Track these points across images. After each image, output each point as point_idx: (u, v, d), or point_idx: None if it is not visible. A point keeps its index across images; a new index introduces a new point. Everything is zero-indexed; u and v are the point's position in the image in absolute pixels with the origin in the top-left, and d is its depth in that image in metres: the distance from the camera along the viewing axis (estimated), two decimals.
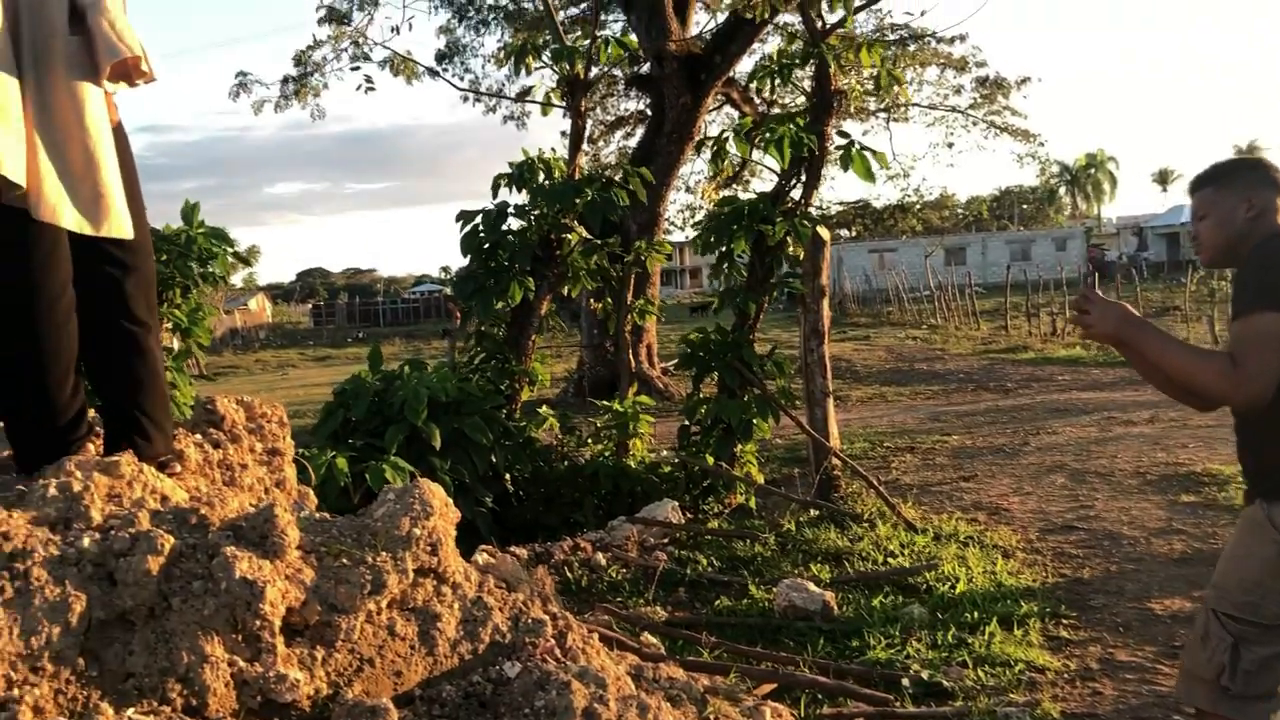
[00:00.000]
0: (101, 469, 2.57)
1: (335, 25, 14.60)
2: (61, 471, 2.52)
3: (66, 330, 2.58)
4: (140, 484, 2.60)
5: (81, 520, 2.40)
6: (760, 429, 6.35)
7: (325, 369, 28.90)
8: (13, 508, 2.38)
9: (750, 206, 6.38)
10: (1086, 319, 2.48)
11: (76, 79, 2.46)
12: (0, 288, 2.50)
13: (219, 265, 6.32)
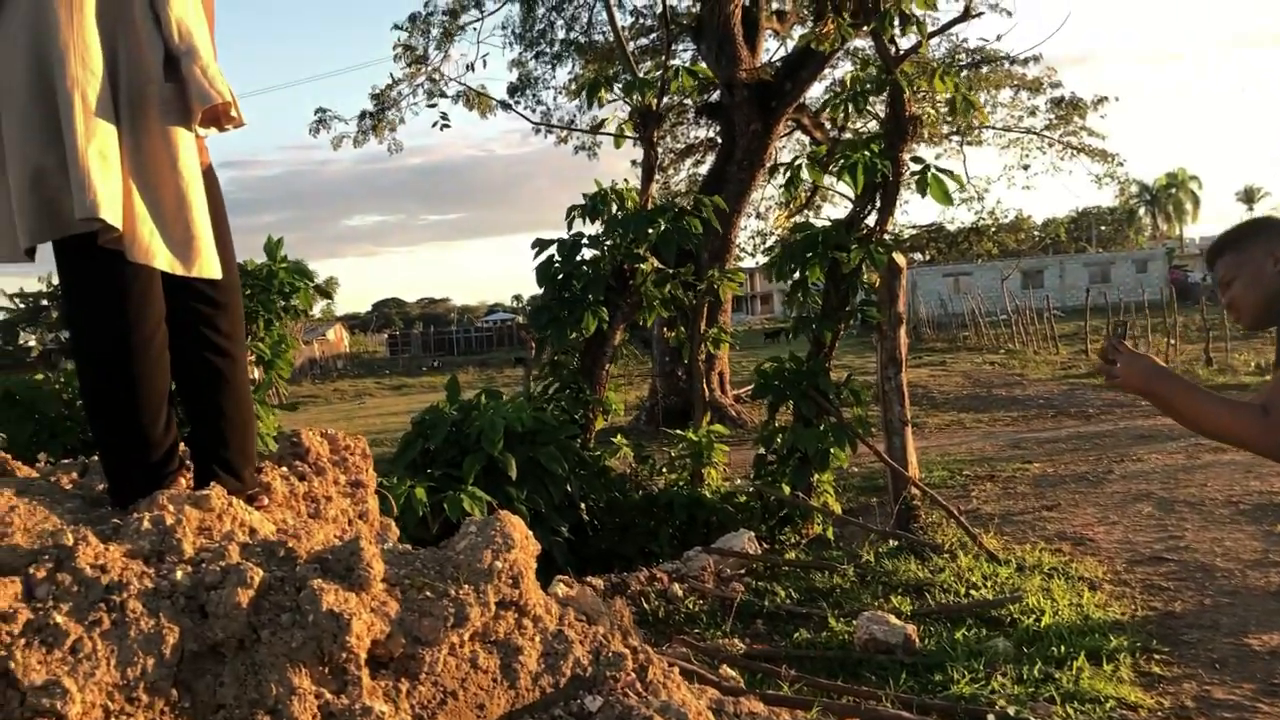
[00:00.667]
0: (193, 502, 2.62)
1: (412, 65, 14.89)
2: (154, 505, 2.59)
3: (160, 367, 2.66)
4: (230, 517, 2.66)
5: (174, 553, 2.46)
6: (837, 458, 6.29)
7: (401, 398, 29.31)
8: (109, 541, 2.45)
9: (824, 233, 6.34)
10: (1113, 371, 2.46)
11: (170, 124, 2.54)
12: (97, 327, 2.59)
13: (300, 299, 6.46)
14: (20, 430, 5.84)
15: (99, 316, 2.58)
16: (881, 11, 5.99)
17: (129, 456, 2.67)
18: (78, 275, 2.59)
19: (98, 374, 2.61)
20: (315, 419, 20.41)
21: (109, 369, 2.59)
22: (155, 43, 2.54)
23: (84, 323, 2.61)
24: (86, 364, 2.64)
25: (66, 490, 2.78)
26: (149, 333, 2.62)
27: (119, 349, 2.58)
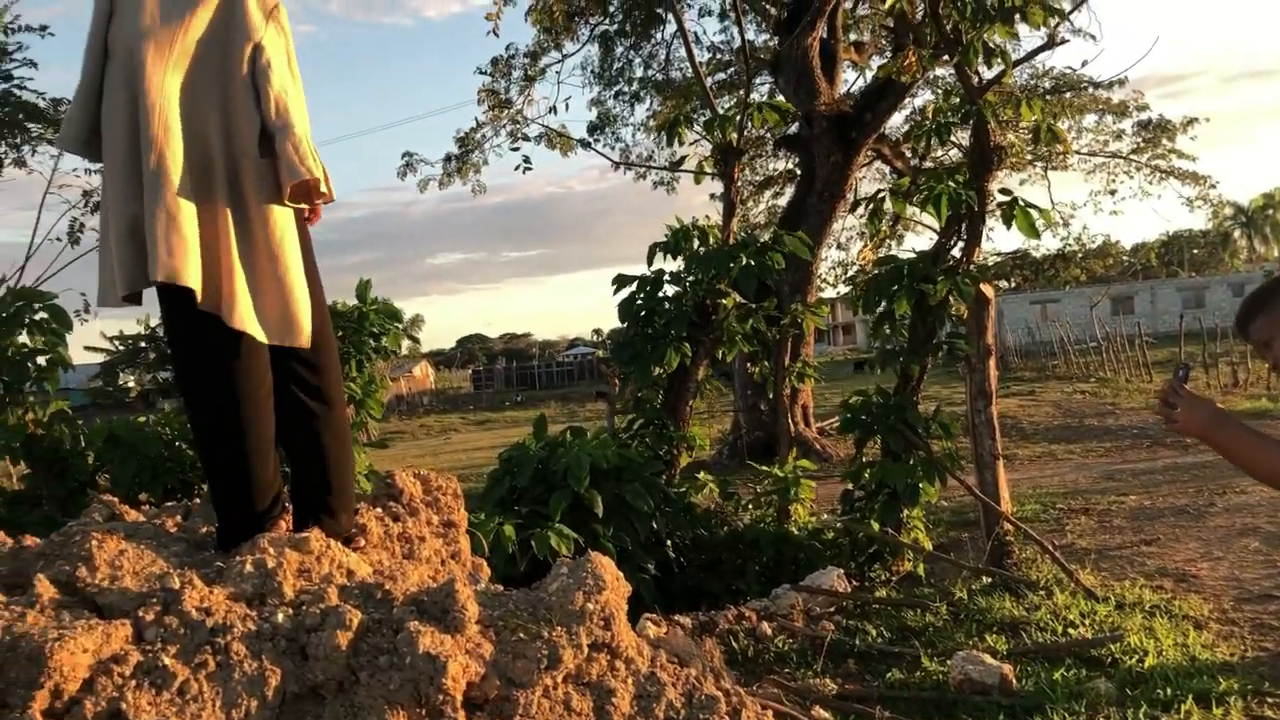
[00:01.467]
0: (293, 545, 2.68)
1: (495, 108, 15.16)
2: (256, 548, 2.65)
3: (266, 413, 2.76)
4: (328, 559, 2.71)
5: (275, 596, 2.51)
6: (927, 493, 6.19)
7: (485, 433, 29.59)
8: (213, 584, 2.51)
9: (910, 265, 6.28)
10: (1173, 415, 2.40)
11: (265, 199, 2.67)
12: (207, 382, 2.69)
13: (390, 340, 6.58)
14: (124, 470, 6.01)
15: (206, 364, 2.68)
16: (964, 44, 5.95)
17: (235, 500, 2.75)
18: (183, 323, 2.69)
19: (206, 420, 2.71)
20: (402, 455, 20.73)
21: (217, 415, 2.69)
22: (253, 117, 2.66)
23: (192, 370, 2.71)
24: (196, 410, 2.74)
25: (172, 533, 2.86)
26: (255, 385, 2.74)
27: (227, 396, 2.69)
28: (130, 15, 2.58)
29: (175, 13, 2.59)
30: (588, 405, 35.01)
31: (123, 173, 2.58)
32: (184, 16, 2.60)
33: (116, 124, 2.59)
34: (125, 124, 2.58)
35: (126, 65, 2.57)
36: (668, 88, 19.60)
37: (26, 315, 6.14)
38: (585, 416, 27.53)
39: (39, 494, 6.22)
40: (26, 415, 6.04)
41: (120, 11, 2.60)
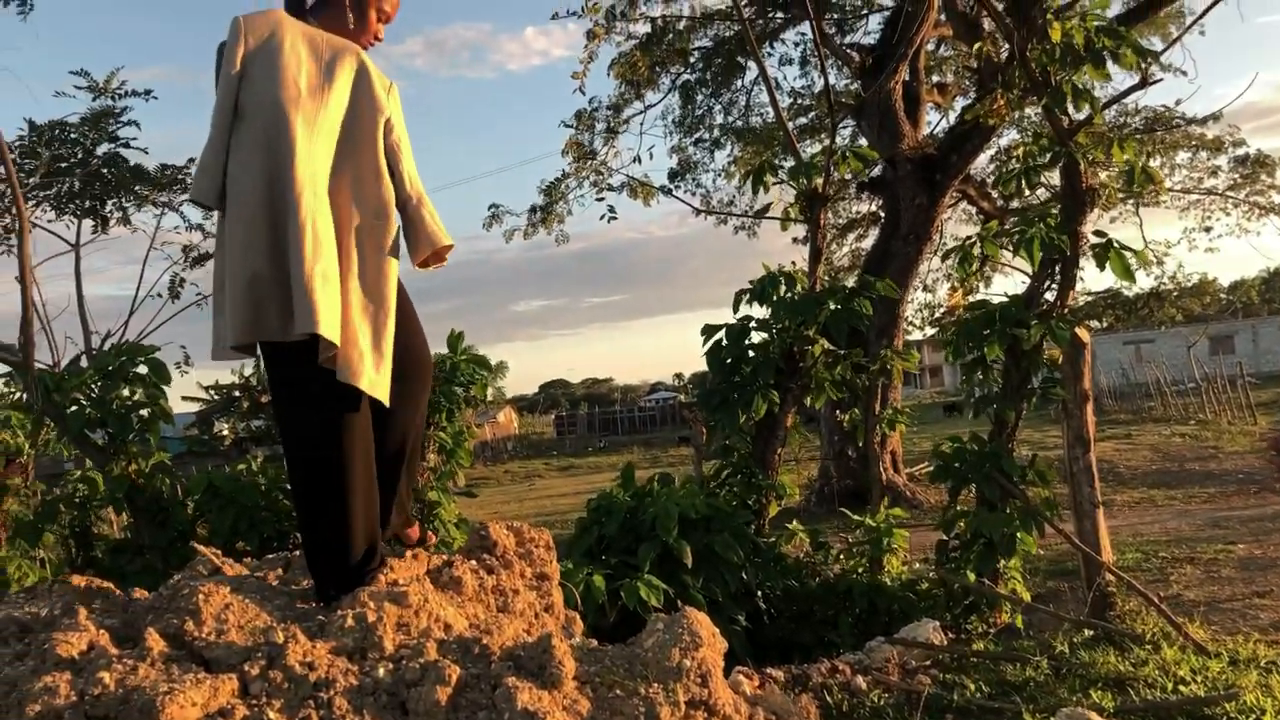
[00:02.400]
0: (392, 599, 2.71)
1: (579, 159, 15.38)
2: (356, 602, 2.68)
3: (369, 468, 2.84)
4: (426, 613, 2.73)
5: (376, 650, 2.54)
6: (1025, 543, 6.03)
7: (569, 479, 29.70)
8: (315, 638, 2.55)
9: (1001, 310, 6.17)
10: None
11: (386, 260, 2.86)
12: (320, 436, 2.80)
13: (478, 389, 6.66)
14: (222, 520, 6.15)
15: (320, 418, 2.78)
16: (1053, 86, 5.87)
17: (336, 553, 2.80)
18: (289, 379, 2.80)
19: (314, 473, 2.79)
20: (488, 502, 20.89)
21: (326, 469, 2.77)
22: (388, 186, 2.88)
23: (303, 423, 2.80)
24: (303, 463, 2.82)
25: (274, 586, 2.91)
26: (364, 435, 2.84)
27: (338, 451, 2.79)
28: (266, 81, 2.75)
29: (317, 85, 2.80)
30: (671, 451, 34.97)
31: (250, 229, 2.71)
32: (325, 89, 2.81)
33: (249, 182, 2.73)
34: (260, 183, 2.73)
35: (266, 129, 2.73)
36: (748, 134, 19.67)
37: (130, 369, 6.35)
38: (668, 462, 27.50)
39: (141, 543, 6.39)
40: (129, 466, 6.22)
41: (252, 77, 2.76)
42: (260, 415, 37.92)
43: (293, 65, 2.78)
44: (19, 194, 6.39)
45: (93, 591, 2.96)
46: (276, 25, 2.84)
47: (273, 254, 2.68)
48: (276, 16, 2.88)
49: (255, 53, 2.77)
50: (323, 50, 2.87)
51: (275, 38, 2.80)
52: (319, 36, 2.90)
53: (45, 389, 6.23)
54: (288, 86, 2.76)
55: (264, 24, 2.83)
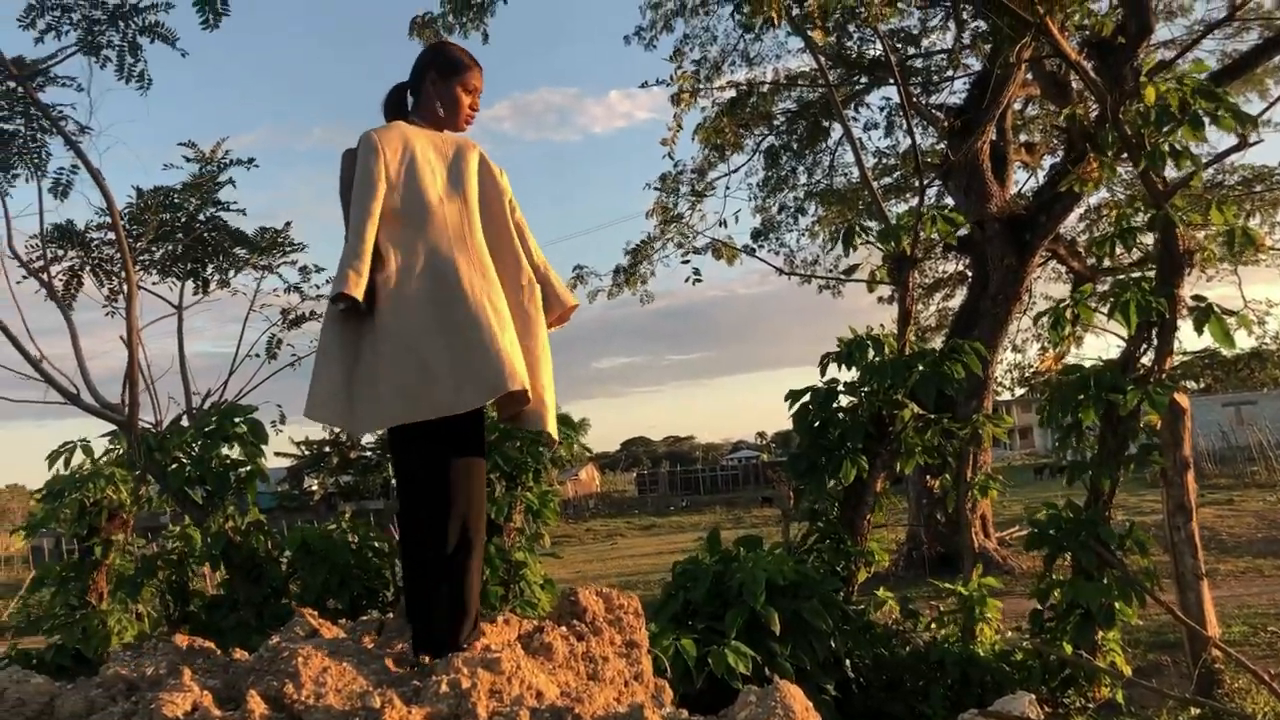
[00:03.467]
0: (485, 665, 2.73)
1: (665, 221, 15.53)
2: (451, 668, 2.71)
3: (482, 536, 3.07)
4: (519, 680, 2.74)
5: (469, 717, 2.55)
6: (1124, 614, 5.84)
7: (651, 538, 29.57)
8: (410, 703, 2.57)
9: (1097, 375, 6.04)
10: None
11: (541, 321, 3.22)
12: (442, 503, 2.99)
13: (565, 448, 6.70)
14: (314, 577, 6.25)
15: (440, 488, 2.99)
16: (1148, 148, 5.79)
17: (444, 618, 2.88)
18: (428, 456, 3.00)
19: (431, 539, 2.95)
20: (571, 561, 20.89)
21: (442, 536, 2.93)
22: (521, 257, 3.24)
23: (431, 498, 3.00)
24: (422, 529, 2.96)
25: (370, 650, 2.95)
26: (476, 502, 3.05)
27: (457, 528, 2.98)
28: (413, 188, 3.08)
29: (454, 183, 3.17)
30: (754, 511, 34.64)
31: (420, 321, 2.97)
32: (461, 185, 3.17)
33: (414, 280, 3.00)
34: (426, 279, 3.01)
35: (420, 231, 3.05)
36: (831, 195, 19.65)
37: (229, 428, 6.53)
38: (751, 522, 27.23)
39: (235, 598, 6.52)
40: (226, 523, 6.37)
41: (397, 186, 3.06)
42: (349, 471, 38.65)
43: (429, 170, 3.11)
44: (129, 260, 6.67)
45: (195, 651, 3.03)
46: (406, 137, 3.15)
47: (445, 343, 2.93)
48: (400, 128, 3.19)
49: (395, 164, 3.07)
50: (447, 151, 3.21)
51: (408, 148, 3.11)
52: (438, 138, 3.23)
53: (148, 447, 6.43)
54: (433, 190, 3.09)
55: (394, 137, 3.12)
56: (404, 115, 3.32)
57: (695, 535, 25.16)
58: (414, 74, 3.35)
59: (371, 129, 3.15)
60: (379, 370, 2.93)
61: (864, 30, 14.83)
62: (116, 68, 6.37)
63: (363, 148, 3.07)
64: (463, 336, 2.92)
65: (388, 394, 2.91)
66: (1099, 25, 7.10)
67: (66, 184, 6.89)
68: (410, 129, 3.19)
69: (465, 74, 3.31)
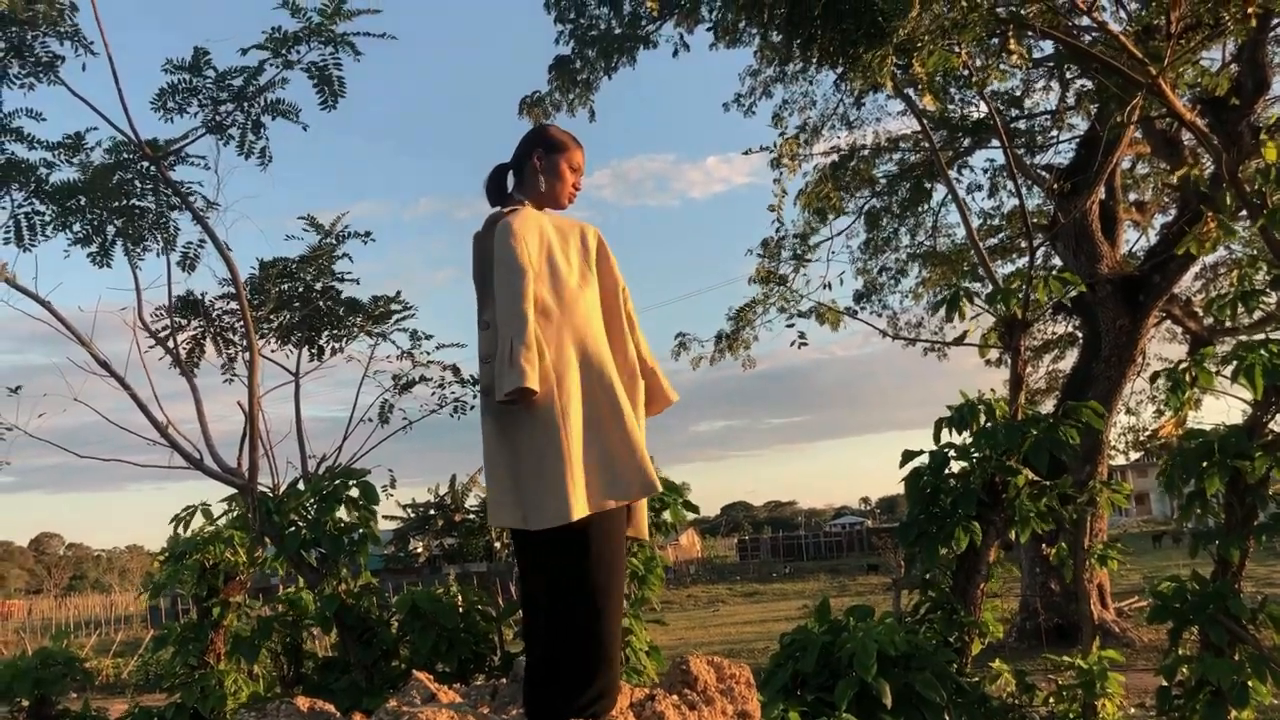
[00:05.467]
0: None
1: (768, 288, 15.55)
2: None
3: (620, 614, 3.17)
4: None
5: None
6: (1258, 693, 5.56)
7: (753, 605, 29.18)
8: None
9: (1221, 440, 5.83)
10: None
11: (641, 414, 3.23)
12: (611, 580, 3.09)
13: (672, 514, 6.69)
14: (423, 641, 6.32)
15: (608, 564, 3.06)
16: (1270, 208, 5.63)
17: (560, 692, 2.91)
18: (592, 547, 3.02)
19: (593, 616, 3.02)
20: (673, 627, 20.70)
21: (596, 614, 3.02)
22: (633, 353, 3.28)
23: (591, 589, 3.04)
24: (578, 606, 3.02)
25: (486, 716, 2.98)
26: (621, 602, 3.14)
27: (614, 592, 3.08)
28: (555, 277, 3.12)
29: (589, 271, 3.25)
30: (859, 579, 33.97)
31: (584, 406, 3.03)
32: (587, 273, 3.23)
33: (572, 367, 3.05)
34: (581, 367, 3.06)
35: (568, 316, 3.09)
36: (935, 256, 19.46)
37: (343, 491, 6.69)
38: (857, 590, 26.72)
39: (347, 660, 6.62)
40: (340, 586, 6.50)
41: (539, 274, 3.09)
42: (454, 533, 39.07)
43: (563, 258, 3.16)
44: (251, 328, 6.92)
45: (316, 713, 3.10)
46: (540, 224, 3.20)
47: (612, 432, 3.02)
48: (531, 214, 3.24)
49: (535, 251, 3.11)
50: (573, 237, 3.26)
51: (544, 236, 3.16)
52: (564, 224, 3.29)
53: (266, 510, 6.62)
54: (570, 278, 3.15)
55: (530, 224, 3.16)
56: (506, 195, 3.36)
57: (799, 603, 24.75)
58: (519, 152, 3.38)
59: (503, 214, 3.19)
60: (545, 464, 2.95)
61: (965, 93, 14.77)
62: (238, 144, 6.67)
63: (503, 233, 3.07)
64: (623, 429, 3.00)
65: (578, 488, 2.94)
66: (1213, 85, 6.96)
67: (194, 257, 7.19)
68: (538, 214, 3.24)
69: (571, 151, 3.36)
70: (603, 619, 2.97)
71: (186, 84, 6.49)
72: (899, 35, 6.78)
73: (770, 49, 12.43)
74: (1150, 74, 6.46)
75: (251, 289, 7.78)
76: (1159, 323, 17.74)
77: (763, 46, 12.78)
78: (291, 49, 6.40)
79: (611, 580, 3.03)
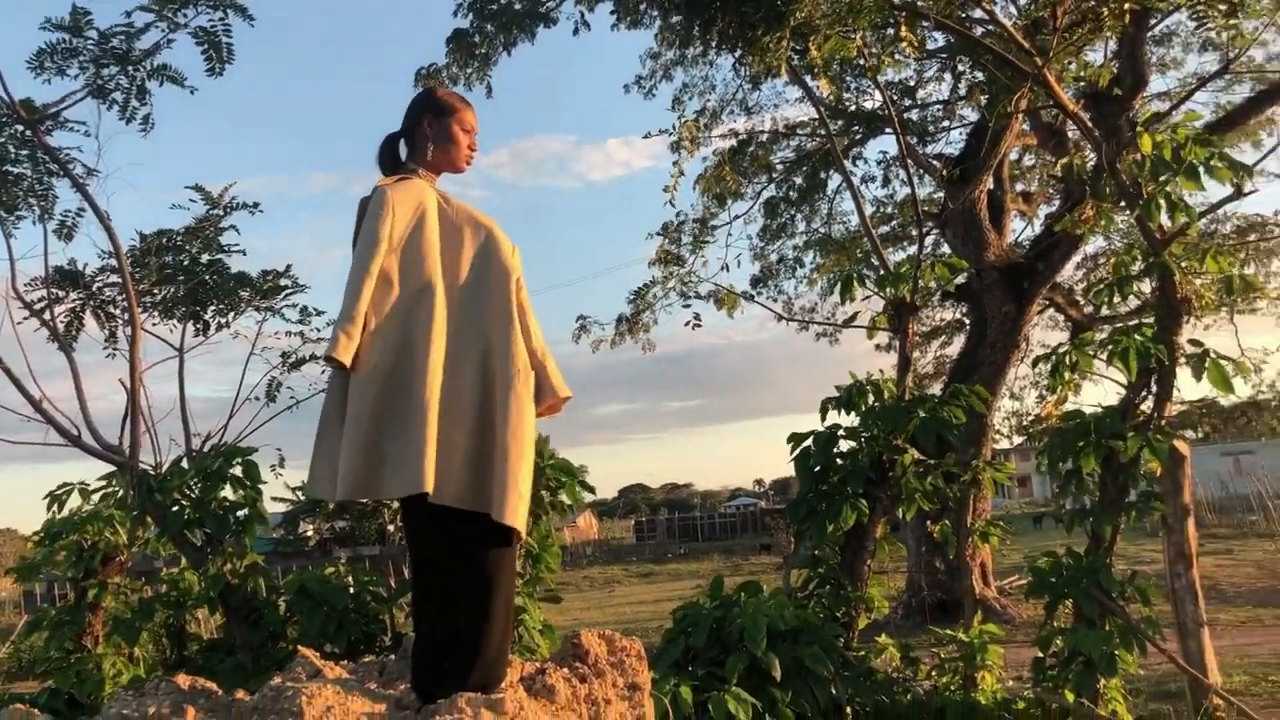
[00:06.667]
0: (488, 706, 2.72)
1: (667, 270, 15.63)
2: (454, 708, 2.70)
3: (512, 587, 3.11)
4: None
5: None
6: (1125, 662, 5.81)
7: (649, 585, 29.39)
8: None
9: (1097, 421, 6.06)
10: None
11: (530, 409, 3.09)
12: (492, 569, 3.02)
13: (567, 493, 6.69)
14: (312, 621, 6.22)
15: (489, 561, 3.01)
16: (1146, 198, 5.85)
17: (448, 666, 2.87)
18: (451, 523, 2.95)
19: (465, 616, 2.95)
20: (568, 608, 20.74)
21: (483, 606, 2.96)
22: (520, 346, 3.12)
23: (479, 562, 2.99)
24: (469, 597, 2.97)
25: (373, 691, 2.94)
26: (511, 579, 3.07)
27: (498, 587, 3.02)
28: (415, 257, 3.00)
29: (465, 258, 3.09)
30: (752, 558, 34.45)
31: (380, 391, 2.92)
32: (471, 261, 3.10)
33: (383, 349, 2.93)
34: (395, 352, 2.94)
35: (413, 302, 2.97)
36: (830, 243, 19.79)
37: (228, 470, 6.52)
38: (750, 570, 27.08)
39: (232, 642, 6.48)
40: (225, 566, 6.34)
41: (400, 250, 2.99)
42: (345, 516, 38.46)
43: (434, 240, 3.04)
44: (134, 302, 6.69)
45: (198, 691, 3.02)
46: (422, 201, 3.08)
47: (392, 425, 2.89)
48: (416, 189, 3.11)
49: (403, 227, 3.00)
50: (460, 223, 3.13)
51: (421, 213, 3.04)
52: (451, 207, 3.16)
53: (148, 489, 6.42)
54: (432, 260, 3.02)
55: (409, 198, 3.05)
56: (399, 165, 3.25)
57: (694, 583, 24.99)
58: (407, 119, 3.29)
59: (387, 184, 3.08)
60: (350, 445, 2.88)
61: (860, 82, 15.02)
62: (120, 109, 6.43)
63: (374, 203, 3.00)
64: (405, 423, 2.86)
65: (340, 468, 2.87)
66: (1095, 76, 7.20)
67: (72, 226, 6.93)
68: (428, 192, 3.13)
69: (461, 112, 3.26)
70: (491, 593, 2.94)
71: (66, 44, 6.22)
72: (796, 19, 6.87)
73: (670, 31, 12.46)
74: (1037, 65, 6.65)
75: (134, 261, 7.52)
76: (1042, 310, 18.33)
77: (663, 28, 12.82)
78: (178, 11, 6.20)
79: (501, 555, 2.99)
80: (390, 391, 2.90)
